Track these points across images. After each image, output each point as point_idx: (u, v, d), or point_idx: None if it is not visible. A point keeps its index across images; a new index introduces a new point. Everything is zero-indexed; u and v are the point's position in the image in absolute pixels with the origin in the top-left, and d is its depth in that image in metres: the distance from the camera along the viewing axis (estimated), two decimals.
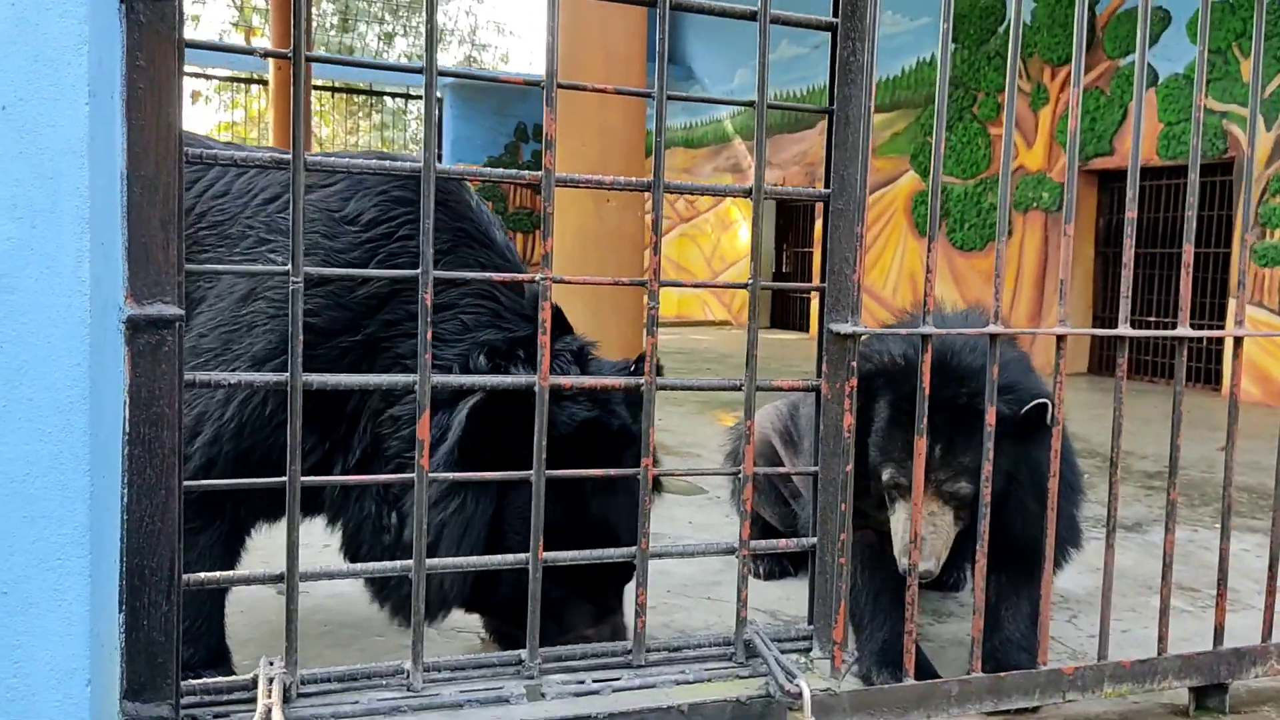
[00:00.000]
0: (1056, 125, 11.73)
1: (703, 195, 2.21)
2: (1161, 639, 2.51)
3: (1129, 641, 3.02)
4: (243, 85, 22.41)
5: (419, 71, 1.87)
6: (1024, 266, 11.97)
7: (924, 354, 2.23)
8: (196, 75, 21.25)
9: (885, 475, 2.58)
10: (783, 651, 2.23)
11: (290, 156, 1.79)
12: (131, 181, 1.64)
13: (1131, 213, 2.45)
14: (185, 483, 1.78)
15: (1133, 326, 2.51)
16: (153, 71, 1.64)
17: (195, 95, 25.31)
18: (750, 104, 2.12)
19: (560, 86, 1.97)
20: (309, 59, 1.79)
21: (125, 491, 1.68)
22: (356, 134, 26.10)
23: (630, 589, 2.16)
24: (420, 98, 22.06)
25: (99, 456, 1.57)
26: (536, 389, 1.99)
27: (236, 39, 24.50)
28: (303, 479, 1.85)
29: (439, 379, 1.96)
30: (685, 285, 2.16)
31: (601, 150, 5.33)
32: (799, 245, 17.03)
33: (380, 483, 2.31)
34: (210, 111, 26.38)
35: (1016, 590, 2.72)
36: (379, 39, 28.21)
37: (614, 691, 2.07)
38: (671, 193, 2.09)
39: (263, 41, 21.29)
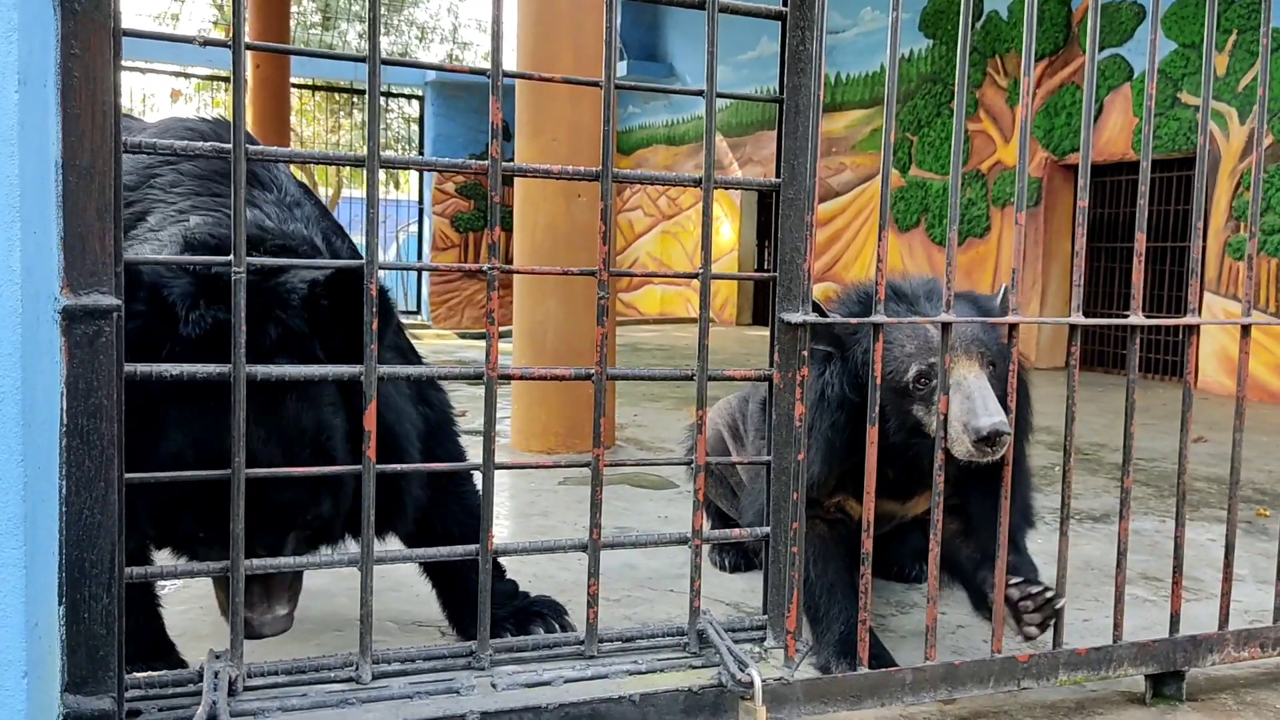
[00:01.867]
0: (1033, 121, 11.75)
1: (651, 185, 2.20)
2: (1117, 626, 2.51)
3: (1091, 630, 3.03)
4: (223, 84, 22.31)
5: (361, 60, 1.86)
6: (1002, 261, 12.02)
7: (875, 342, 2.24)
8: (177, 74, 21.13)
9: (912, 371, 2.51)
10: (737, 641, 2.23)
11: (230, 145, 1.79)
12: (66, 171, 1.63)
13: (1083, 202, 2.46)
14: (126, 476, 1.78)
15: (1086, 317, 2.51)
16: (88, 60, 1.63)
17: (175, 94, 25.15)
18: (699, 93, 2.12)
19: (506, 75, 1.97)
20: (248, 47, 1.78)
21: (63, 484, 1.67)
22: (338, 132, 26.01)
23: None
24: (400, 95, 21.99)
25: (33, 447, 1.55)
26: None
27: (218, 36, 24.31)
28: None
29: None
30: (635, 275, 2.16)
31: (572, 146, 5.34)
32: None
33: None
34: (190, 110, 26.27)
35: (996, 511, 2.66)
36: (360, 36, 28.08)
37: (565, 682, 2.07)
38: (619, 182, 2.09)
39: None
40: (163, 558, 2.35)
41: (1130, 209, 10.98)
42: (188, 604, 3.07)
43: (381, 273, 1.91)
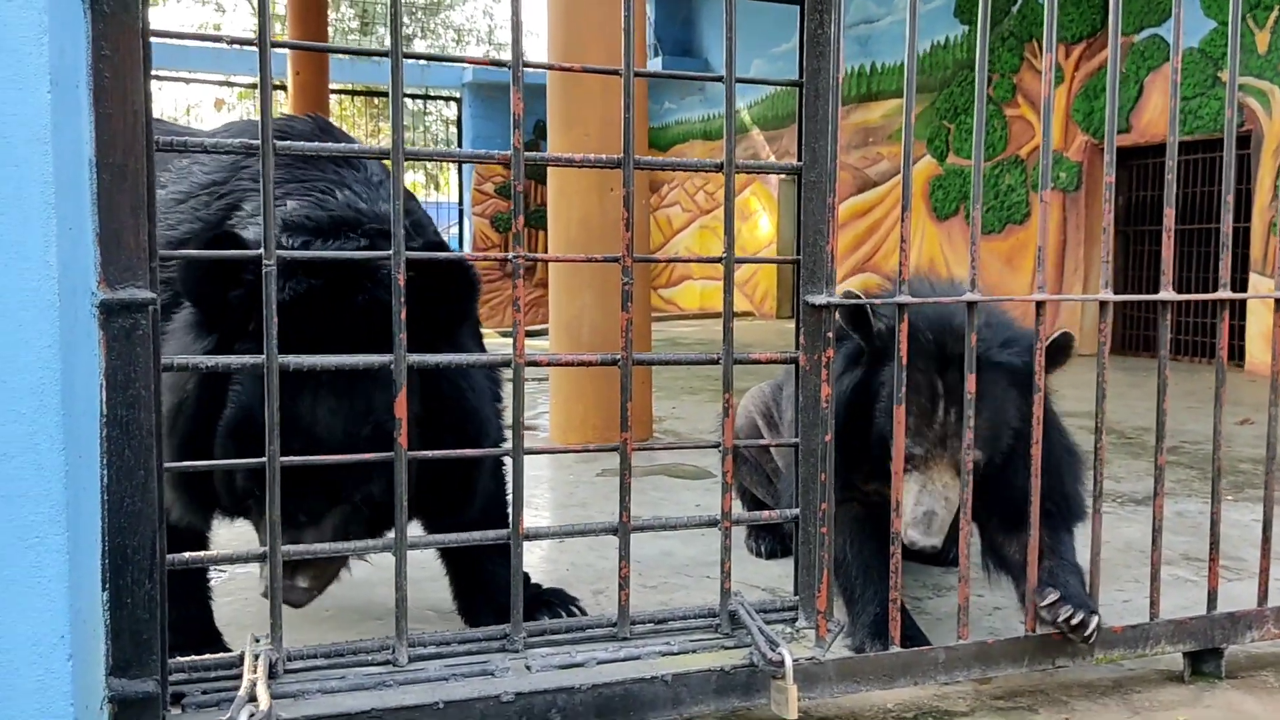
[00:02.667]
0: (1072, 104, 11.64)
1: (673, 170, 2.22)
2: (1154, 604, 2.50)
3: (1130, 610, 3.00)
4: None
5: (385, 55, 1.90)
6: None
7: (900, 323, 2.24)
8: (221, 83, 21.43)
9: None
10: (768, 622, 2.25)
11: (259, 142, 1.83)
12: (100, 169, 1.68)
13: (1110, 178, 2.44)
14: (166, 465, 1.83)
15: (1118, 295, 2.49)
16: (118, 60, 1.68)
17: (219, 103, 25.54)
18: (719, 79, 2.14)
19: (526, 66, 1.99)
20: (274, 45, 1.82)
21: (104, 473, 1.72)
22: (378, 136, 26.25)
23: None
24: (438, 98, 22.14)
25: (74, 437, 1.60)
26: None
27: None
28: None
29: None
30: (658, 260, 2.18)
31: (604, 139, 5.36)
32: None
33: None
34: (234, 118, 26.62)
35: (1052, 530, 2.65)
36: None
37: (598, 663, 2.10)
38: (641, 169, 2.11)
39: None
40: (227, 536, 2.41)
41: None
42: (233, 595, 3.14)
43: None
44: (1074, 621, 2.35)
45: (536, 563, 3.50)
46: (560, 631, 2.17)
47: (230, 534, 2.86)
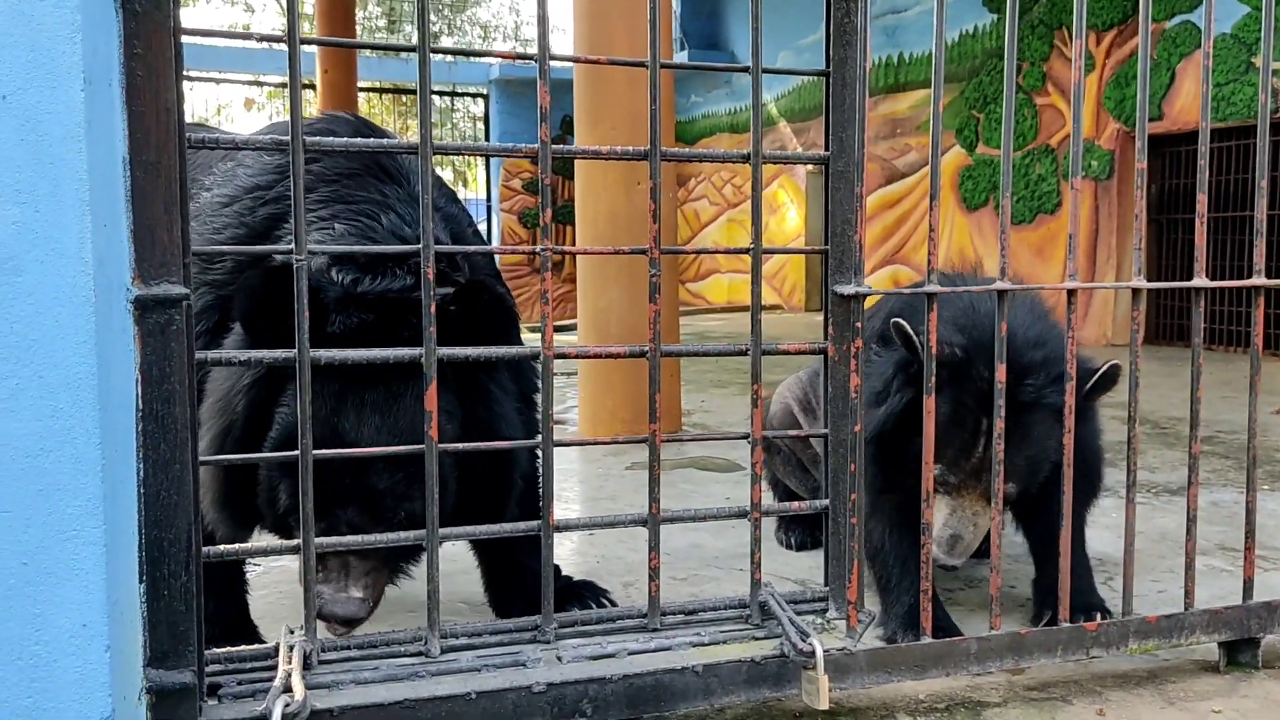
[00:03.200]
0: (1104, 92, 11.52)
1: (699, 162, 2.22)
2: (1188, 593, 2.48)
3: (1165, 601, 2.98)
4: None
5: (412, 50, 1.91)
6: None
7: (929, 311, 2.23)
8: (251, 83, 21.58)
9: (935, 471, 2.54)
10: (799, 613, 2.25)
11: (289, 138, 1.85)
12: (134, 166, 1.70)
13: (1141, 164, 2.42)
14: (201, 459, 1.85)
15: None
16: (150, 59, 1.70)
17: (249, 103, 25.72)
18: (745, 69, 2.14)
19: (553, 59, 2.00)
20: (302, 41, 1.84)
21: (140, 466, 1.74)
22: (406, 133, 26.35)
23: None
24: (465, 94, 22.19)
25: (110, 431, 1.62)
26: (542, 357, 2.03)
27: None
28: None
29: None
30: (685, 251, 2.18)
31: (631, 133, 5.36)
32: None
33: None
34: (264, 118, 26.83)
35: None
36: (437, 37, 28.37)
37: (629, 654, 2.11)
38: (667, 160, 2.11)
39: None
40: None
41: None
42: (268, 589, 3.17)
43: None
44: None
45: (567, 556, 3.52)
46: (591, 622, 2.18)
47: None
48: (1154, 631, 2.43)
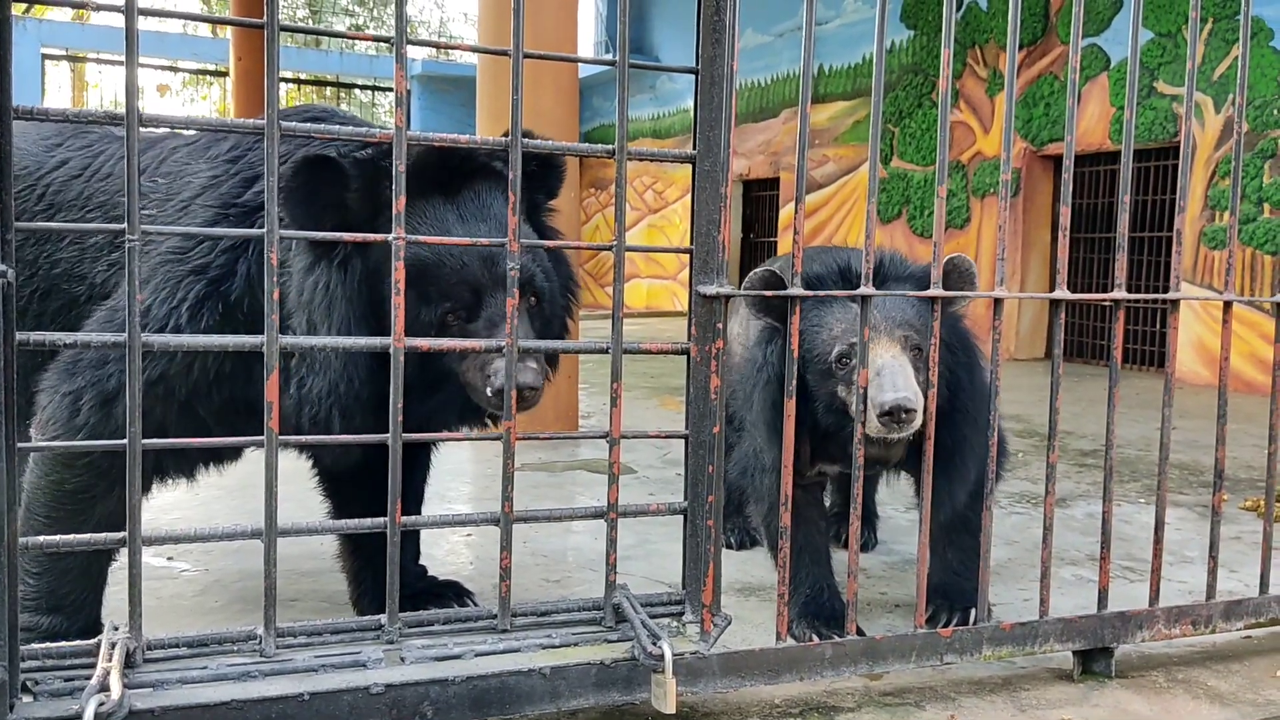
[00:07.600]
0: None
1: (566, 154, 2.19)
2: (1043, 601, 2.51)
3: (1030, 609, 2.99)
4: (211, 78, 22.22)
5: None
6: (982, 250, 12.00)
7: (791, 316, 2.22)
8: (164, 68, 21.05)
9: (835, 351, 2.49)
10: (654, 616, 2.22)
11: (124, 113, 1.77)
12: None
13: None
14: (19, 445, 1.76)
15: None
16: None
17: (162, 89, 25.12)
18: (611, 64, 2.11)
19: (410, 43, 1.95)
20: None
21: None
22: None
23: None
24: (388, 89, 21.90)
25: None
26: None
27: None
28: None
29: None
30: (546, 246, 2.14)
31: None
32: (764, 235, 17.02)
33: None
34: (177, 104, 26.22)
35: (956, 523, 2.78)
36: (348, 27, 28.03)
37: (476, 655, 2.06)
38: (530, 152, 2.07)
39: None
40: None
41: (1109, 199, 10.97)
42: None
43: None
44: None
45: (442, 556, 3.45)
46: (440, 622, 2.13)
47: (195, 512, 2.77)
48: (1008, 639, 2.45)
